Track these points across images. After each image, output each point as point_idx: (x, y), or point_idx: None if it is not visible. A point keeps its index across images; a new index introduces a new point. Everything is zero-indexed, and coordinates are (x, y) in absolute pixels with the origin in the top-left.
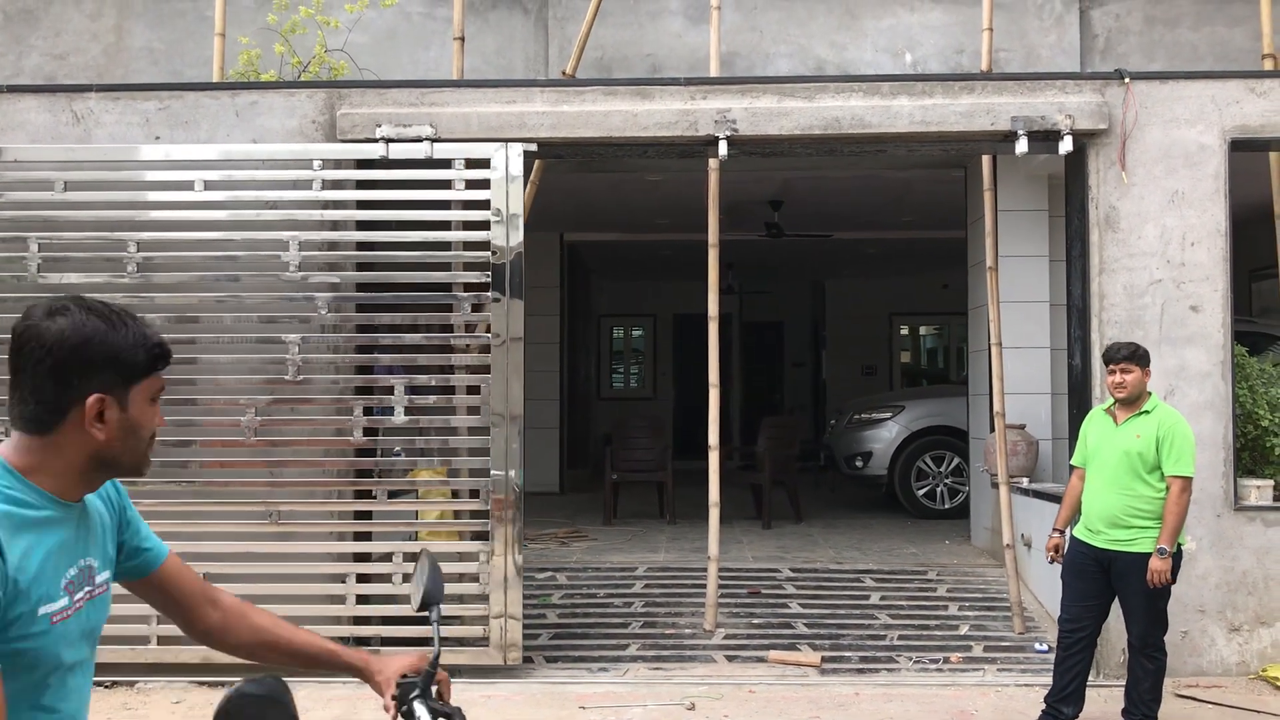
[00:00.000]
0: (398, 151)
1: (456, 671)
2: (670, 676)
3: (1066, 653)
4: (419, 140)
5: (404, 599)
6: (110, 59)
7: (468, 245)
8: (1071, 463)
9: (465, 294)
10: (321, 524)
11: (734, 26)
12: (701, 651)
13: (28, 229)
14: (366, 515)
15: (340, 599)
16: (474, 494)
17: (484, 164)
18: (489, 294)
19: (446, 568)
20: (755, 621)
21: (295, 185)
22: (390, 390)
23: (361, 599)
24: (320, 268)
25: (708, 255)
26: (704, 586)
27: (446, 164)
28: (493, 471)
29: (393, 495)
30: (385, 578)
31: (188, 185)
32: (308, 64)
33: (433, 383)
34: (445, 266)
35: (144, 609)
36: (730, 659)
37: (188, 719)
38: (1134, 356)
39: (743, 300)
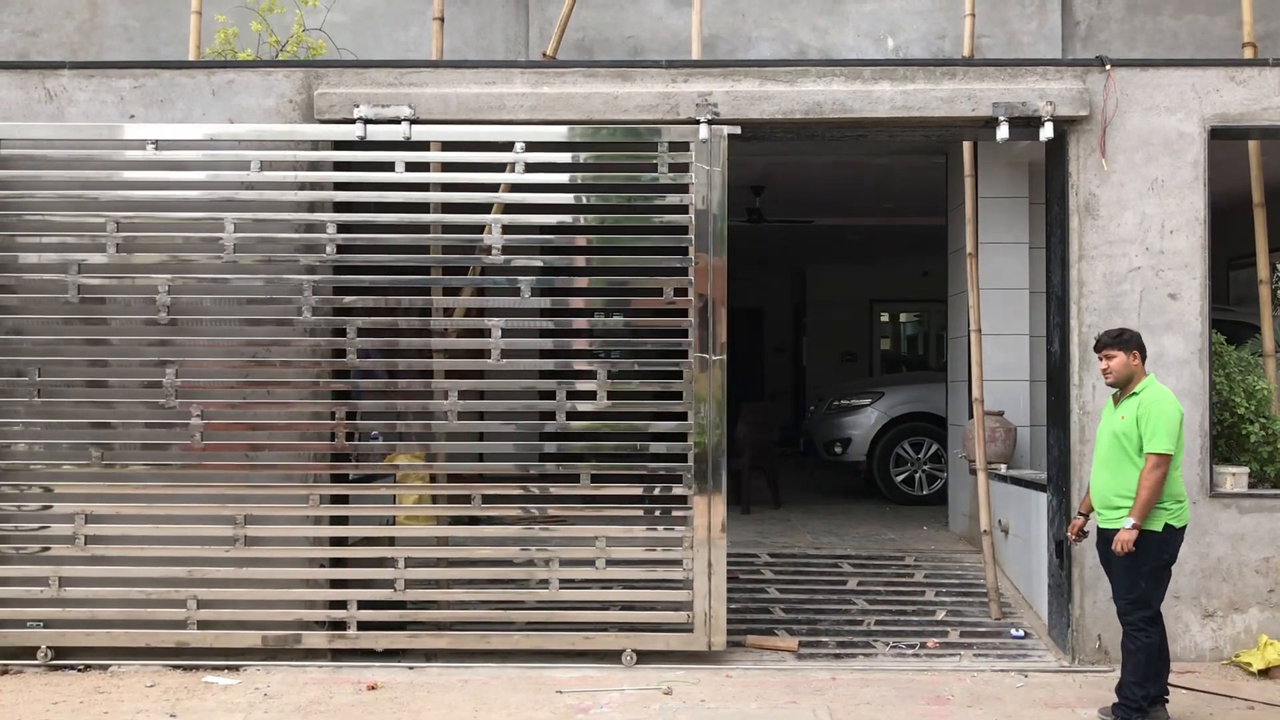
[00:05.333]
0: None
1: (658, 657)
2: (647, 660)
3: None
4: (397, 121)
5: (384, 583)
6: (84, 36)
7: (668, 229)
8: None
9: (669, 277)
10: (297, 508)
11: (715, 9)
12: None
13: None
14: (343, 499)
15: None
16: (674, 478)
17: (684, 147)
18: (686, 273)
19: (647, 554)
20: (733, 606)
21: (491, 168)
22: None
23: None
24: (522, 251)
25: None
26: None
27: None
28: (694, 454)
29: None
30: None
31: (386, 167)
32: (285, 43)
33: (635, 367)
34: (646, 250)
35: (116, 591)
36: None
37: (161, 702)
38: (1115, 341)
39: None
